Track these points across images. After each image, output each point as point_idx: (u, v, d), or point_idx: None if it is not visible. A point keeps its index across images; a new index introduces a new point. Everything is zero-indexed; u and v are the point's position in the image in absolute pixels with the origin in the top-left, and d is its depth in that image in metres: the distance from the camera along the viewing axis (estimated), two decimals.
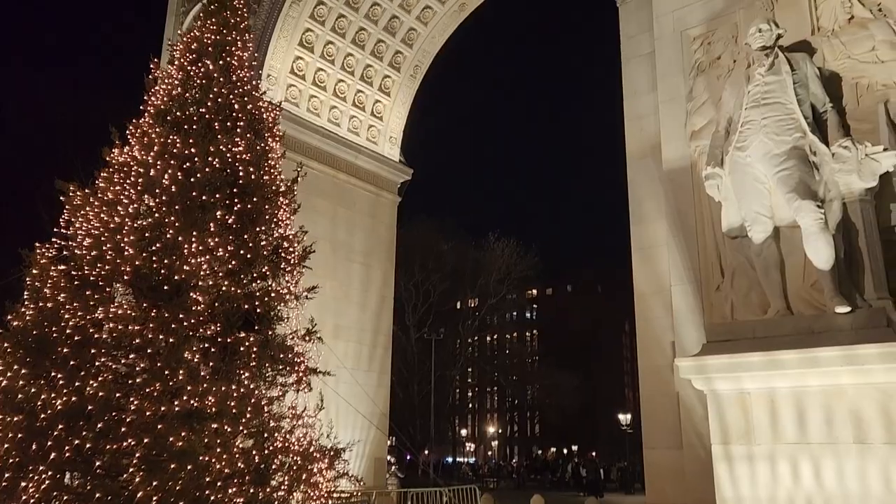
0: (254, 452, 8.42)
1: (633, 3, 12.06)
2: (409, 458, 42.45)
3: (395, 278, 21.04)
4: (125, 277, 8.77)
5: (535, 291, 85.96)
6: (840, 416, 7.70)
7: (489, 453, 79.32)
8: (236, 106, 10.39)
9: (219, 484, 7.82)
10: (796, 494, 7.77)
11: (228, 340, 8.82)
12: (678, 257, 10.33)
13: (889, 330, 7.65)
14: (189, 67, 10.54)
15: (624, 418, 43.59)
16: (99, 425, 7.68)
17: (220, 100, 10.27)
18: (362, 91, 19.79)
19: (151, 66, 10.69)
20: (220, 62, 10.64)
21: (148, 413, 7.81)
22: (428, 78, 21.11)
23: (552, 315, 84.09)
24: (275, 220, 10.12)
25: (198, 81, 10.41)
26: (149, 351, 8.31)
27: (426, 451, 43.26)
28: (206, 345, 8.71)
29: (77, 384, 7.87)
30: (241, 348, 8.88)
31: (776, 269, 8.62)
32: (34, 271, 8.65)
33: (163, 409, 7.89)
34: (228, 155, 9.77)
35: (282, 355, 9.51)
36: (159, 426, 7.77)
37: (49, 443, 7.52)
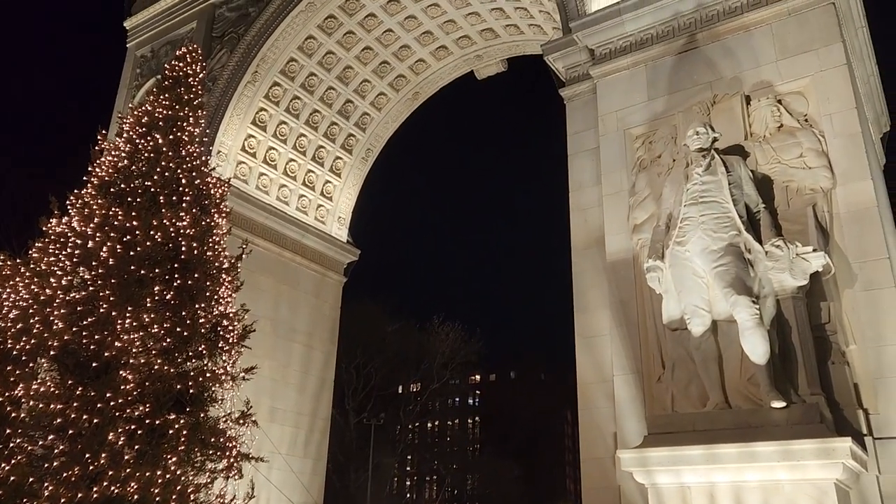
0: None
1: (580, 101, 12.63)
2: None
3: (336, 360, 20.62)
4: (51, 353, 8.35)
5: (478, 377, 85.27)
6: None
7: None
8: (184, 180, 10.31)
9: None
10: None
11: (157, 422, 8.41)
12: (621, 347, 10.44)
13: (823, 426, 7.81)
14: (138, 140, 10.48)
15: None
16: None
17: (167, 174, 10.20)
18: (313, 171, 19.93)
19: (98, 137, 10.58)
20: (171, 136, 10.62)
21: (63, 500, 7.28)
22: (380, 160, 21.49)
23: (495, 402, 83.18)
24: (216, 297, 9.89)
25: (146, 155, 10.34)
26: (70, 432, 7.84)
27: None
28: (133, 426, 8.28)
29: None
30: (170, 431, 8.47)
31: (714, 363, 8.79)
32: None
33: (80, 495, 7.39)
34: (172, 229, 9.61)
35: (213, 439, 9.10)
36: None
37: None
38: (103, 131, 10.67)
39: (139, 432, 8.26)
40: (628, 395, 10.14)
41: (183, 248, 9.62)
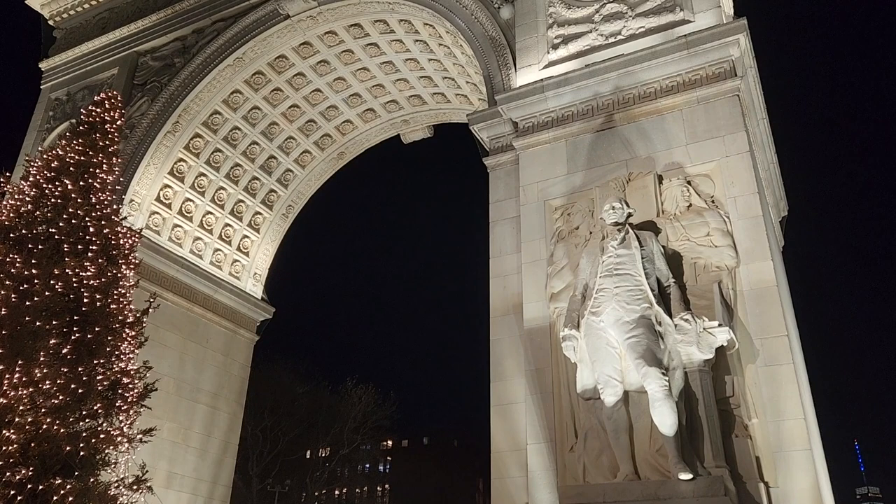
0: None
1: (503, 171, 12.95)
2: None
3: (242, 422, 19.73)
4: None
5: (390, 443, 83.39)
6: None
7: None
8: (91, 228, 9.85)
9: None
10: None
11: (40, 487, 7.72)
12: (535, 416, 10.45)
13: (727, 499, 7.98)
14: (45, 185, 9.98)
15: None
16: None
17: (73, 221, 9.72)
18: (231, 225, 19.47)
19: (1, 179, 10.03)
20: (81, 183, 10.18)
21: None
22: (301, 217, 21.24)
23: (406, 469, 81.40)
24: (117, 352, 9.35)
25: (52, 200, 9.85)
26: None
27: None
28: (13, 492, 7.57)
29: None
30: (55, 497, 7.79)
31: (625, 433, 8.91)
32: None
33: None
34: (74, 279, 9.10)
35: None
36: None
37: None
38: (7, 174, 10.12)
39: (19, 498, 7.56)
40: (541, 465, 10.10)
41: (85, 300, 9.09)
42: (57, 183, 9.97)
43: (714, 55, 11.24)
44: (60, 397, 8.35)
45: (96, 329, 9.04)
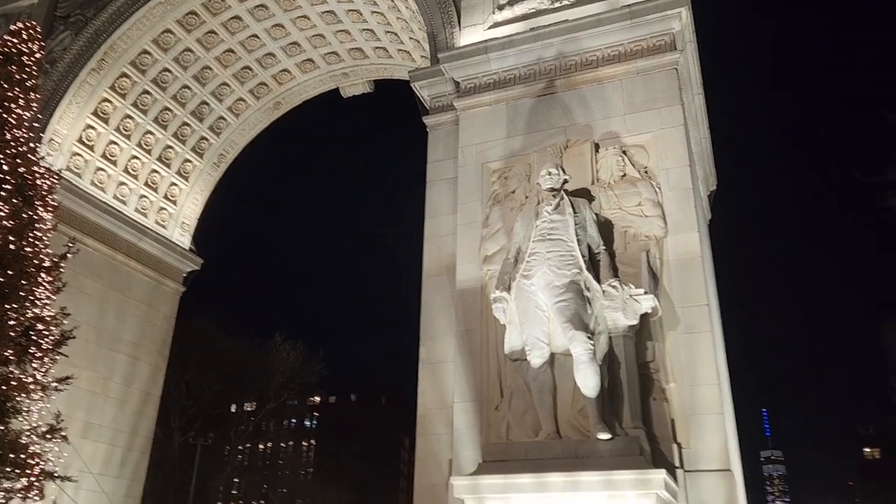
0: None
1: (442, 130, 12.86)
2: None
3: (165, 374, 19.28)
4: None
5: (317, 399, 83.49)
6: None
7: None
8: (5, 167, 9.30)
9: None
10: None
11: None
12: (463, 375, 10.59)
13: (642, 458, 8.31)
14: None
15: None
16: None
17: None
18: (158, 172, 18.72)
19: None
20: None
21: None
22: (234, 168, 20.58)
23: (333, 425, 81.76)
24: (31, 297, 8.93)
25: None
26: None
27: None
28: None
29: None
30: None
31: (549, 394, 9.13)
32: None
33: None
34: None
35: (12, 455, 8.13)
36: None
37: None
38: None
39: None
40: (467, 423, 10.28)
41: None
42: None
43: (656, 27, 11.36)
44: None
45: (9, 272, 8.61)
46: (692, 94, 12.34)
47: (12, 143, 9.81)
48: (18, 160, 9.74)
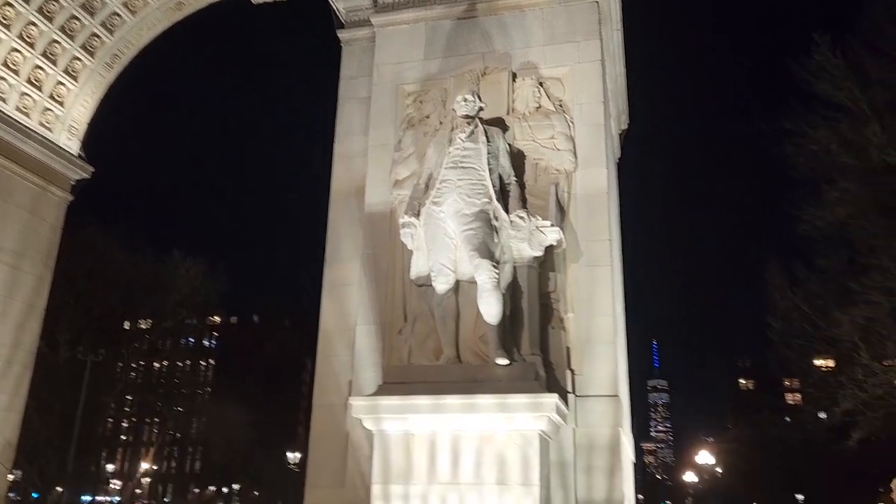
0: None
1: (358, 47, 12.36)
2: (36, 495, 36.56)
3: (52, 287, 18.23)
4: None
5: (217, 318, 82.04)
6: (489, 458, 8.39)
7: (138, 491, 72.20)
8: None
9: None
10: None
11: None
12: (367, 298, 10.56)
13: (536, 383, 8.62)
14: None
15: (292, 457, 42.97)
16: None
17: None
18: (42, 68, 17.12)
19: None
20: None
21: None
22: (132, 71, 19.09)
23: (233, 345, 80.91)
24: None
25: None
26: None
27: (59, 489, 37.66)
28: None
29: None
30: None
31: (452, 320, 9.25)
32: None
33: None
34: None
35: None
36: None
37: None
38: None
39: None
40: (369, 345, 10.32)
41: None
42: None
43: None
44: None
45: None
46: (611, 30, 12.34)
47: None
48: None
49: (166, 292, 39.28)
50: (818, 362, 25.91)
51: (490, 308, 8.81)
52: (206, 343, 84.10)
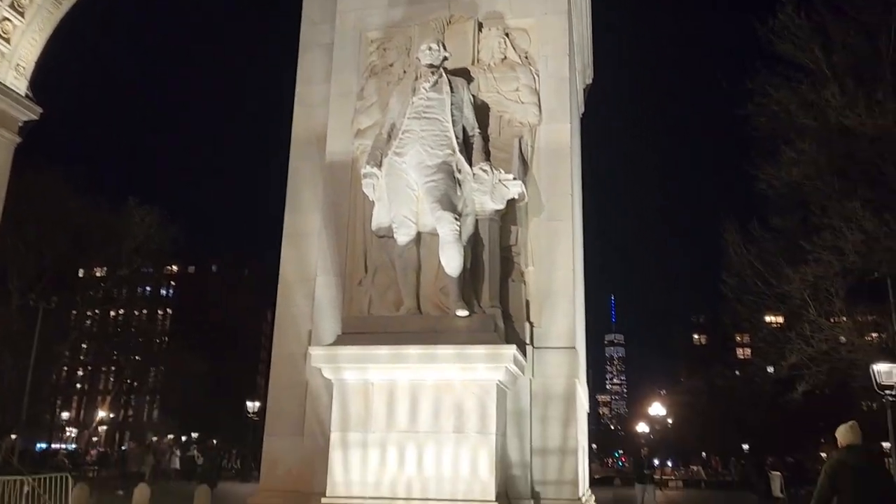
0: None
1: None
2: None
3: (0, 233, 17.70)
4: None
5: (175, 267, 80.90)
6: (446, 407, 8.51)
7: (94, 440, 71.91)
8: None
9: None
10: (399, 479, 8.37)
11: None
12: (327, 249, 10.49)
13: (495, 335, 8.72)
14: None
15: (252, 406, 43.01)
16: None
17: None
18: None
19: None
20: None
21: None
22: (84, 9, 18.22)
23: (191, 295, 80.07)
24: None
25: None
26: None
27: (13, 436, 37.25)
28: None
29: None
30: None
31: (413, 272, 9.25)
32: None
33: None
34: None
35: None
36: None
37: None
38: None
39: None
40: (329, 296, 10.29)
41: None
42: None
43: None
44: None
45: None
46: None
47: None
48: None
49: (121, 240, 38.48)
50: (769, 318, 26.75)
51: (451, 260, 8.82)
52: (163, 292, 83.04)
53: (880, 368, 16.94)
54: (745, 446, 62.46)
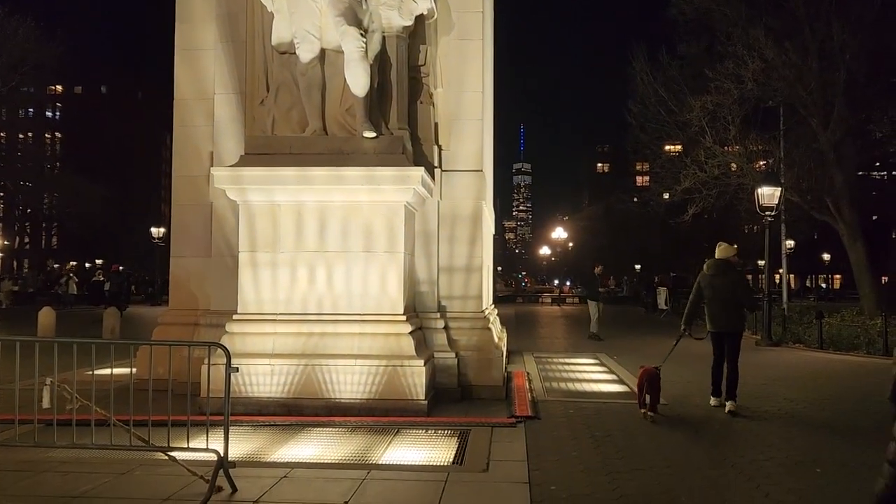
0: None
1: None
2: None
3: None
4: None
5: (59, 88, 74.59)
6: (355, 228, 8.63)
7: None
8: None
9: None
10: (310, 297, 8.61)
11: None
12: (225, 65, 9.88)
13: (403, 157, 8.70)
14: None
15: (157, 231, 42.09)
16: None
17: None
18: None
19: None
20: None
21: None
22: None
23: (81, 118, 74.94)
24: None
25: None
26: None
27: None
28: None
29: None
30: None
31: (318, 91, 8.89)
32: None
33: None
34: None
35: None
36: None
37: None
38: None
39: None
40: (229, 115, 9.84)
41: None
42: None
43: None
44: None
45: None
46: None
47: None
48: None
49: None
50: (668, 147, 27.73)
51: (357, 79, 8.50)
52: (49, 114, 77.17)
53: (763, 191, 18.12)
54: (638, 266, 67.44)
